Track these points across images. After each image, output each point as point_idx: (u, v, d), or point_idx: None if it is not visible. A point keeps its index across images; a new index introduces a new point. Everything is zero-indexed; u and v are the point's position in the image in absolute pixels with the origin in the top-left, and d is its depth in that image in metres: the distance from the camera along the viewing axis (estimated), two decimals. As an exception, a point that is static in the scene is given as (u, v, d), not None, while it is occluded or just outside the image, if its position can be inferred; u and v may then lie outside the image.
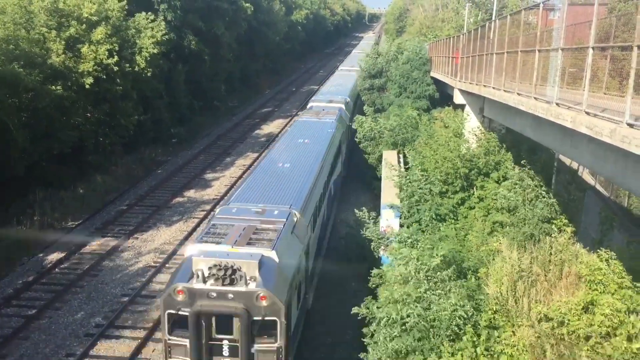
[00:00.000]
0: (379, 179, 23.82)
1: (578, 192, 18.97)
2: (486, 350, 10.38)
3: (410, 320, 10.93)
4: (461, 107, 23.79)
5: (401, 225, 17.26)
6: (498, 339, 10.70)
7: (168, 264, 20.71)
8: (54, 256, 21.11)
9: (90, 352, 15.46)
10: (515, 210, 16.26)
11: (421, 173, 18.59)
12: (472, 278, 12.89)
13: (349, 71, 46.84)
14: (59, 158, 27.38)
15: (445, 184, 18.68)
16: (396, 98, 32.30)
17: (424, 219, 17.22)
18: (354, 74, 41.61)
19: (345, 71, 48.41)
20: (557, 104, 11.43)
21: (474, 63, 21.09)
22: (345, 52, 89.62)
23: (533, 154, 19.63)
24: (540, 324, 10.45)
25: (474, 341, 10.56)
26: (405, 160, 23.73)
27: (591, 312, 10.22)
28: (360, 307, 11.98)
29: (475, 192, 18.60)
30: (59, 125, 26.56)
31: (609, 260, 11.21)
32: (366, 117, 28.31)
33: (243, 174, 30.66)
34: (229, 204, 15.68)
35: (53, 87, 25.60)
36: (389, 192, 19.30)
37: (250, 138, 41.04)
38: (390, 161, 22.07)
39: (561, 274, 11.59)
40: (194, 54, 42.43)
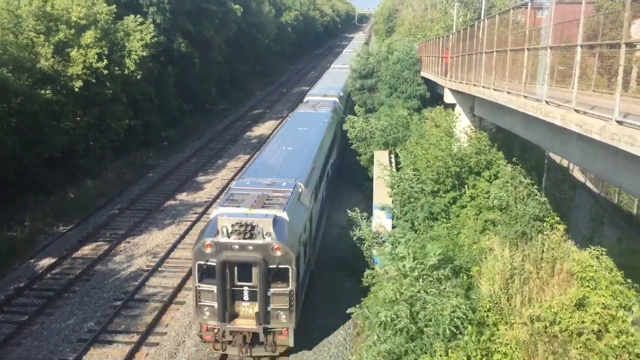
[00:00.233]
0: (370, 180, 23.84)
1: (569, 190, 19.10)
2: (479, 349, 10.41)
3: (400, 323, 10.99)
4: (452, 107, 23.84)
5: (394, 226, 17.29)
6: (491, 337, 10.74)
7: (161, 267, 20.64)
8: (46, 261, 20.96)
9: (83, 358, 15.35)
10: (507, 208, 16.33)
11: (413, 172, 18.63)
12: (465, 276, 12.92)
13: (340, 68, 48.70)
14: (49, 163, 27.21)
15: (437, 183, 18.72)
16: (387, 98, 32.32)
17: (417, 218, 17.26)
18: (346, 71, 42.99)
19: (337, 69, 50.25)
20: (547, 102, 11.48)
21: (463, 62, 21.12)
22: (335, 53, 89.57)
23: (524, 153, 19.72)
24: (532, 322, 10.50)
25: (466, 340, 10.59)
26: (397, 160, 23.76)
27: (583, 310, 10.29)
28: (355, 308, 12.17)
29: (467, 191, 18.65)
30: (48, 129, 26.41)
31: (599, 257, 11.30)
32: (357, 118, 28.33)
33: (235, 176, 30.61)
34: (243, 177, 17.87)
35: (42, 92, 25.46)
36: (380, 192, 19.32)
37: (241, 140, 40.90)
38: (382, 161, 22.08)
39: (553, 271, 11.67)
40: (184, 57, 42.32)
